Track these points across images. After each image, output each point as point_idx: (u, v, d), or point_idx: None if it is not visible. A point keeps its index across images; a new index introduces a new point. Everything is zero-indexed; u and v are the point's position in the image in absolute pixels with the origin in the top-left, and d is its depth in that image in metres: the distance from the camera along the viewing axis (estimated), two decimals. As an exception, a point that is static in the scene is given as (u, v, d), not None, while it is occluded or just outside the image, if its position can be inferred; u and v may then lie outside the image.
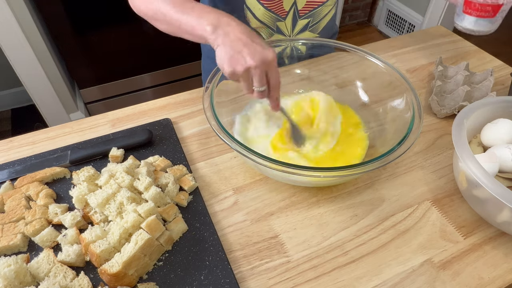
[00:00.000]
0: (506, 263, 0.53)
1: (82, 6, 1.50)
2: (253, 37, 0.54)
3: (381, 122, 0.69)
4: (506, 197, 0.47)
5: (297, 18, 0.83)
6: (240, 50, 0.52)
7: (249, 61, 0.52)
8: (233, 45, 0.53)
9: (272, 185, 0.63)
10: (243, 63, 0.52)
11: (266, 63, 0.53)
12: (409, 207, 0.60)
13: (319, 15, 0.85)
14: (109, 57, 1.70)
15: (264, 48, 0.53)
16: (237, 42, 0.53)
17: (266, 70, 0.54)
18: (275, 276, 0.52)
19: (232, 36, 0.53)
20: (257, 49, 0.52)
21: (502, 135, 0.58)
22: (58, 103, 1.71)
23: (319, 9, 0.84)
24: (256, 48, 0.52)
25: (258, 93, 0.56)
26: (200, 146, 0.69)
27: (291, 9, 0.81)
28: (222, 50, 0.54)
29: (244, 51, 0.52)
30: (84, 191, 0.55)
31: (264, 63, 0.52)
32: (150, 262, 0.51)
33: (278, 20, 0.82)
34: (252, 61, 0.52)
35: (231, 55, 0.53)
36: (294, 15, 0.82)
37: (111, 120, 0.74)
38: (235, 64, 0.53)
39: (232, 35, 0.53)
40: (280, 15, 0.82)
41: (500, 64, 0.90)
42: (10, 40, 1.44)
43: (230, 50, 0.53)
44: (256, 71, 0.53)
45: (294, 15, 0.83)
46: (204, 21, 0.56)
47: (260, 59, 0.52)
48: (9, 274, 0.46)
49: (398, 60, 0.91)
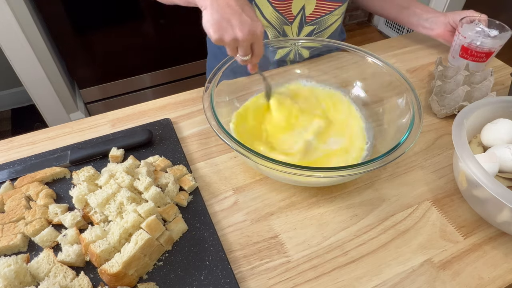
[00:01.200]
0: (506, 263, 0.53)
1: (82, 6, 1.50)
2: (243, 5, 0.53)
3: (381, 122, 0.69)
4: (506, 197, 0.47)
5: (303, 23, 0.84)
6: (228, 19, 0.52)
7: (237, 33, 0.52)
8: (222, 11, 0.52)
9: (272, 185, 0.63)
10: (231, 33, 0.52)
11: (254, 35, 0.53)
12: (409, 207, 0.60)
13: (325, 23, 0.85)
14: (109, 57, 1.70)
15: (253, 20, 0.52)
16: (226, 8, 0.52)
17: (252, 42, 0.54)
18: (275, 276, 0.52)
19: (221, 1, 0.52)
20: (247, 21, 0.52)
21: (502, 135, 0.58)
22: (58, 103, 1.71)
23: (326, 17, 0.84)
24: (245, 20, 0.52)
25: (241, 60, 0.57)
26: (200, 146, 0.69)
27: (298, 14, 0.81)
28: (209, 13, 0.53)
29: (233, 21, 0.51)
30: (84, 191, 0.55)
31: (252, 35, 0.52)
32: (150, 262, 0.51)
33: (285, 23, 0.83)
34: (241, 33, 0.51)
35: (219, 21, 0.52)
36: (301, 20, 0.83)
37: (111, 120, 0.74)
38: (223, 32, 0.52)
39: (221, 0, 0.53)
40: (287, 19, 0.82)
41: (500, 64, 0.90)
42: (10, 40, 1.44)
43: (218, 16, 0.52)
44: (243, 43, 0.53)
45: (301, 21, 0.83)
46: None
47: (249, 31, 0.52)
48: (9, 274, 0.46)
49: (398, 60, 0.91)
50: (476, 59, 0.82)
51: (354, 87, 0.75)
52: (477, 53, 0.81)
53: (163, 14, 1.61)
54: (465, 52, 0.82)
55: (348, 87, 0.75)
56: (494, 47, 0.80)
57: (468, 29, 0.80)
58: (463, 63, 0.79)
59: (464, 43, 0.81)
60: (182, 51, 1.82)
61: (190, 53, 1.83)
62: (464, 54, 0.83)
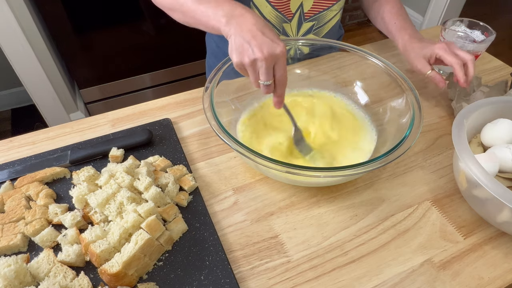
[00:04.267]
0: (506, 263, 0.53)
1: (82, 6, 1.50)
2: (264, 29, 0.53)
3: (381, 122, 0.69)
4: (506, 197, 0.47)
5: (302, 20, 0.83)
6: (249, 41, 0.52)
7: (256, 53, 0.51)
8: (244, 35, 0.52)
9: (272, 185, 0.63)
10: (250, 54, 0.51)
11: (274, 56, 0.52)
12: (409, 207, 0.60)
13: (323, 19, 0.85)
14: (109, 57, 1.70)
15: (274, 42, 0.52)
16: (247, 32, 0.52)
17: (274, 64, 0.53)
18: (275, 276, 0.52)
19: (244, 27, 0.53)
20: (266, 42, 0.51)
21: (502, 135, 0.58)
22: (58, 103, 1.71)
23: (324, 13, 0.84)
24: (264, 40, 0.51)
25: (263, 86, 0.55)
26: (200, 146, 0.69)
27: (297, 11, 0.81)
28: (232, 40, 0.53)
29: (252, 42, 0.51)
30: (84, 191, 0.55)
31: (271, 56, 0.51)
32: (150, 262, 0.51)
33: (284, 21, 0.82)
34: (260, 53, 0.51)
35: (241, 45, 0.52)
36: (299, 17, 0.82)
37: (111, 120, 0.74)
38: (243, 54, 0.52)
39: (244, 26, 0.53)
40: (286, 16, 0.81)
41: (500, 64, 0.90)
42: (10, 40, 1.44)
43: (240, 40, 0.52)
44: (262, 64, 0.52)
45: (300, 18, 0.83)
46: (219, 11, 0.56)
47: (268, 51, 0.51)
48: (9, 274, 0.46)
49: (398, 60, 0.91)
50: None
51: (354, 87, 0.75)
52: None
53: (163, 14, 1.61)
54: None
55: (348, 87, 0.75)
56: (480, 51, 0.79)
57: (452, 34, 0.79)
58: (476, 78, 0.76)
59: None
60: (182, 51, 1.82)
61: (190, 53, 1.83)
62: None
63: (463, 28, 0.82)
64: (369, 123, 0.70)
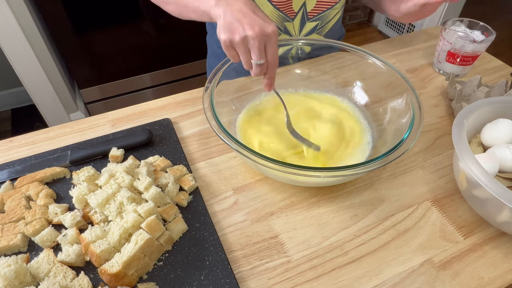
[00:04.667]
0: (506, 263, 0.53)
1: (82, 6, 1.50)
2: (255, 9, 0.53)
3: (381, 122, 0.69)
4: (506, 197, 0.46)
5: (305, 20, 0.83)
6: (239, 19, 0.51)
7: (247, 30, 0.50)
8: (234, 14, 0.51)
9: (272, 185, 0.63)
10: (240, 32, 0.51)
11: (265, 34, 0.51)
12: (409, 207, 0.60)
13: (327, 18, 0.85)
14: (109, 57, 1.70)
15: (265, 21, 0.51)
16: (238, 12, 0.51)
17: (265, 43, 0.52)
18: (275, 276, 0.52)
19: (234, 7, 0.52)
20: (257, 20, 0.51)
21: (502, 135, 0.58)
22: (58, 103, 1.71)
23: (327, 12, 0.83)
24: (255, 19, 0.51)
25: (256, 67, 0.54)
26: (200, 146, 0.69)
27: (300, 10, 0.81)
28: (222, 19, 0.52)
29: (243, 20, 0.51)
30: (84, 191, 0.55)
31: (263, 34, 0.51)
32: (150, 262, 0.51)
33: (286, 20, 0.82)
34: (251, 30, 0.50)
35: (230, 23, 0.51)
36: (302, 16, 0.82)
37: (111, 120, 0.74)
38: (233, 32, 0.51)
39: (234, 6, 0.52)
40: (288, 15, 0.81)
41: (500, 64, 0.90)
42: (10, 40, 1.44)
43: (230, 19, 0.51)
44: (254, 42, 0.51)
45: (303, 17, 0.82)
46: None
47: (260, 29, 0.50)
48: (9, 274, 0.46)
49: (398, 60, 0.91)
50: (463, 63, 0.82)
51: (354, 87, 0.75)
52: (464, 58, 0.81)
53: (163, 14, 1.61)
54: (452, 57, 0.82)
55: (348, 87, 0.75)
56: (480, 50, 0.79)
57: (452, 34, 0.80)
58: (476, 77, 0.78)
59: (450, 49, 0.81)
60: (182, 51, 1.82)
61: (190, 53, 1.83)
62: (450, 59, 0.82)
63: (463, 28, 0.83)
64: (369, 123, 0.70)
